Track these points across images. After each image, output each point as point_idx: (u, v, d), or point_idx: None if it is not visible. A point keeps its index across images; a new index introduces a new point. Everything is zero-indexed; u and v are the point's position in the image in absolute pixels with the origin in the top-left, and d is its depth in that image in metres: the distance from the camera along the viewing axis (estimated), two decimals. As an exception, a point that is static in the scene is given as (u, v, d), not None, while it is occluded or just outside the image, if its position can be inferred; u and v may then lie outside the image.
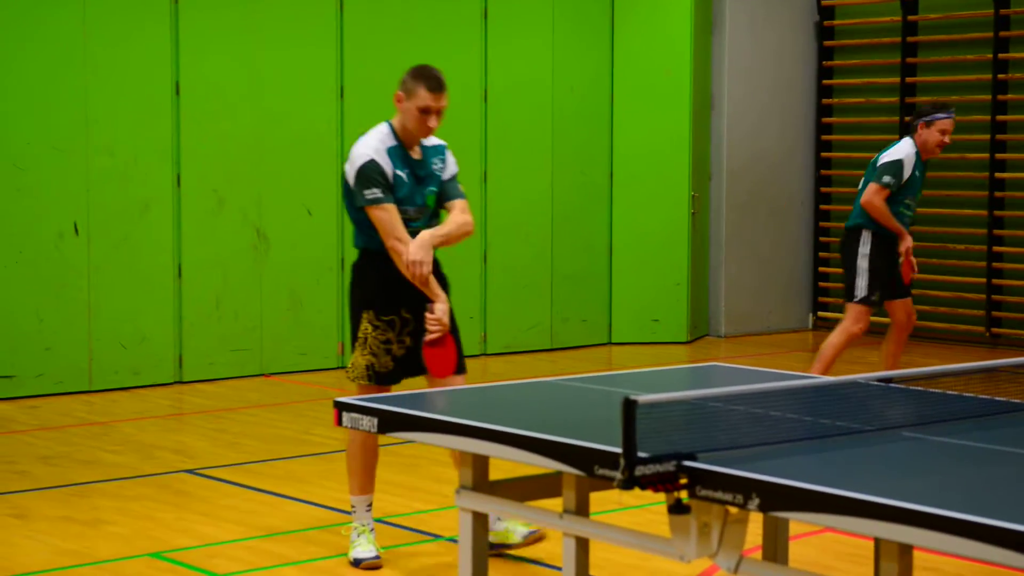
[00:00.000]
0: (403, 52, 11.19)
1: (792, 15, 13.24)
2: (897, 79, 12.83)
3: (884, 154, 8.67)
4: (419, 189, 5.77)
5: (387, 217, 5.59)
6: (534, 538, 5.92)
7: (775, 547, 4.59)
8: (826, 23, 13.34)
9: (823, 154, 13.46)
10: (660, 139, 12.41)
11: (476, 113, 11.62)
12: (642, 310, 12.43)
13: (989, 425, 4.15)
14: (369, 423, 4.40)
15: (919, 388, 4.68)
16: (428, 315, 5.62)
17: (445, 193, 5.87)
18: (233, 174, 10.44)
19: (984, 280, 12.39)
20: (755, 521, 4.18)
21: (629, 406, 3.46)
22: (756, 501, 3.38)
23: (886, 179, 8.54)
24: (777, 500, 3.35)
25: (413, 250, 5.58)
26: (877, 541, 3.53)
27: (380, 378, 5.71)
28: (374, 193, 5.59)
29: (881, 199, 8.55)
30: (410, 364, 5.75)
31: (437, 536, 6.21)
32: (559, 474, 4.24)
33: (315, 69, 10.79)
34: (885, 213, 8.54)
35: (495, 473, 4.54)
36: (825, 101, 13.41)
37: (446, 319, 5.65)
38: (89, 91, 9.80)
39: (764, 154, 13.15)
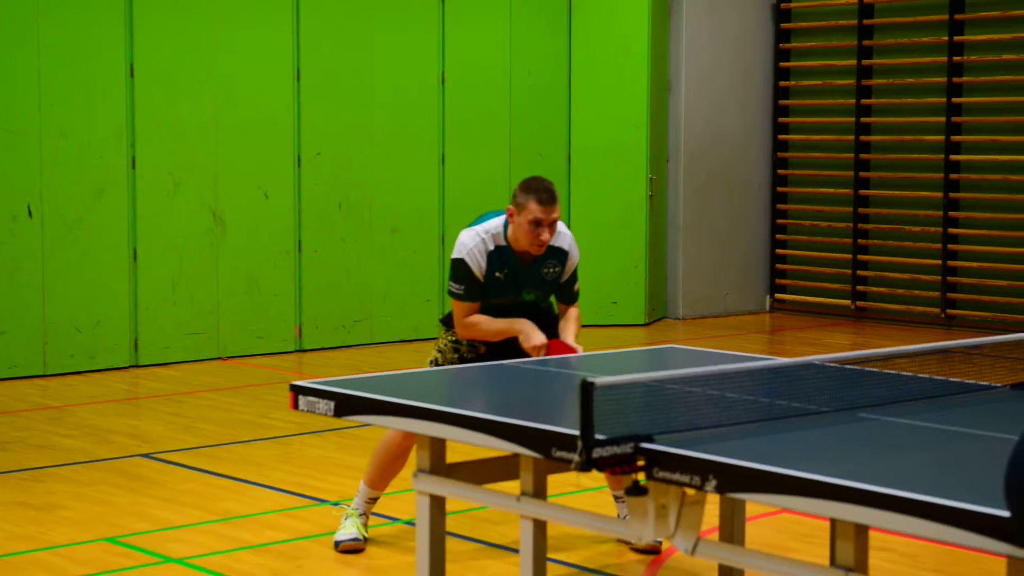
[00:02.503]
0: (360, 35, 11.16)
1: (749, -2, 13.26)
2: (854, 62, 12.87)
3: None
4: (516, 290, 5.78)
5: (462, 308, 5.74)
6: (652, 546, 5.75)
7: (732, 528, 4.61)
8: (783, 5, 13.37)
9: (780, 137, 13.50)
10: (618, 122, 12.41)
11: (434, 96, 11.59)
12: (600, 293, 12.44)
13: (943, 406, 4.17)
14: (326, 407, 4.39)
15: (874, 369, 4.70)
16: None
17: (559, 295, 5.91)
18: (189, 157, 10.38)
19: (940, 262, 12.46)
20: (712, 502, 4.19)
21: (586, 388, 3.46)
22: (713, 483, 3.38)
23: None
24: (734, 481, 3.36)
25: (538, 337, 5.62)
26: (833, 522, 3.54)
27: None
28: (457, 288, 5.73)
29: None
30: None
31: (395, 519, 6.20)
32: (517, 456, 4.24)
33: (271, 51, 10.73)
34: None
35: (452, 456, 4.54)
36: (782, 84, 13.44)
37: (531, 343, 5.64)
38: (42, 73, 9.71)
39: (722, 137, 13.18)
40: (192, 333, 10.45)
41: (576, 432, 3.49)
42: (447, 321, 5.92)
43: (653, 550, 5.69)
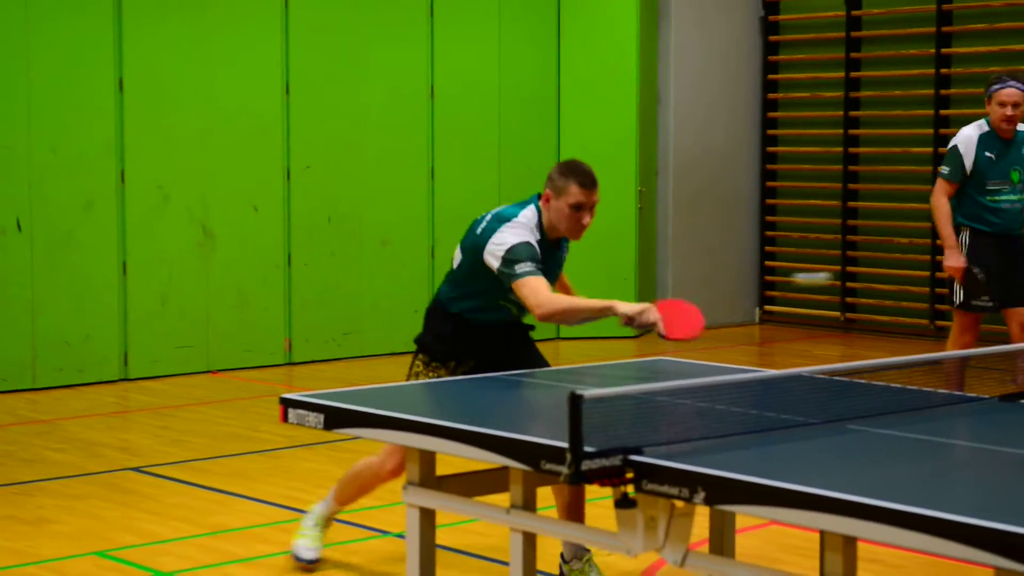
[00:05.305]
0: (349, 49, 11.17)
1: (738, 10, 13.29)
2: (841, 74, 12.90)
3: None
4: (548, 278, 5.47)
5: (543, 284, 5.22)
6: None
7: (721, 540, 4.62)
8: (771, 18, 13.41)
9: (769, 149, 13.52)
10: (607, 135, 12.43)
11: (423, 110, 11.60)
12: (589, 305, 12.43)
13: (931, 417, 4.18)
14: (315, 420, 4.39)
15: (863, 381, 4.71)
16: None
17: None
18: (178, 170, 10.38)
19: (928, 273, 12.48)
20: (701, 515, 4.20)
21: (575, 400, 3.47)
22: (702, 495, 3.39)
23: (943, 170, 7.97)
24: (723, 493, 3.36)
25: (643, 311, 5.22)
26: (822, 533, 3.55)
27: None
28: (531, 267, 5.21)
29: (942, 192, 7.95)
30: None
31: (385, 532, 6.20)
32: (506, 469, 4.24)
33: (260, 65, 10.74)
34: (937, 212, 7.98)
35: (442, 468, 4.54)
36: (771, 96, 13.47)
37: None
38: (32, 88, 9.71)
39: (711, 149, 13.20)
40: (182, 346, 10.44)
41: (565, 444, 3.50)
42: (425, 344, 5.48)
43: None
